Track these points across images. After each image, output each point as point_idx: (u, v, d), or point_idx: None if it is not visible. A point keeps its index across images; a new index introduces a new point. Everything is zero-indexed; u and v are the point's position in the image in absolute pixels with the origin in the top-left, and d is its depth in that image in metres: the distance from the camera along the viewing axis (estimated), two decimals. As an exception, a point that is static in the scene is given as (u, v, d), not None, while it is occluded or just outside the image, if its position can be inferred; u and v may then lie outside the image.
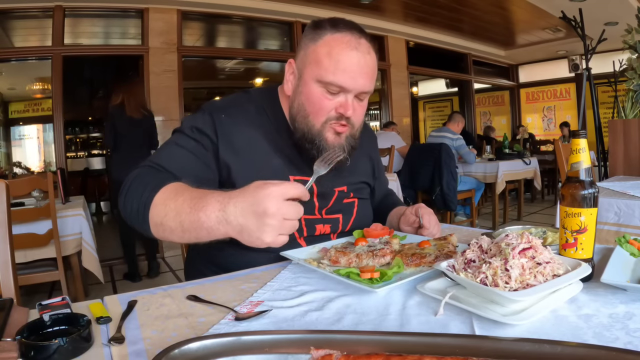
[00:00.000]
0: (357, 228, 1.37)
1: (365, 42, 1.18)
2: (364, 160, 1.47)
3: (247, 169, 1.22)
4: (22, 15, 5.01)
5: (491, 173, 5.75)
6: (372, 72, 1.20)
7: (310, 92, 1.18)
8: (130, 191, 1.08)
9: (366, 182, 1.48)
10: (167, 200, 1.00)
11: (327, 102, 1.18)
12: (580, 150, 0.94)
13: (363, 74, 1.16)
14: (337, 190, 1.35)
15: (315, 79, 1.17)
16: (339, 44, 1.14)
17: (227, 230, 0.91)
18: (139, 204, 1.04)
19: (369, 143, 1.53)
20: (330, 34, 1.16)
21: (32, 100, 8.11)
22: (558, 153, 3.17)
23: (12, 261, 1.25)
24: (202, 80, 9.41)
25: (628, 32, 3.40)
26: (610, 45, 5.42)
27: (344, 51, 1.14)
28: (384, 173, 1.69)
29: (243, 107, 1.29)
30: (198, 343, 0.63)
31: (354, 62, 1.14)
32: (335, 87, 1.16)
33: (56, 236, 2.80)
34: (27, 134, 8.21)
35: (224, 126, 1.23)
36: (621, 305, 0.78)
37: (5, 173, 5.13)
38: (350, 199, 1.40)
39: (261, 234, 0.86)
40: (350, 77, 1.14)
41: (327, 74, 1.14)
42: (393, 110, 7.48)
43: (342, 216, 1.37)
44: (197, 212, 0.93)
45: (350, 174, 1.39)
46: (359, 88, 1.17)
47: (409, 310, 0.82)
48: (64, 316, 0.76)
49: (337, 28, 1.17)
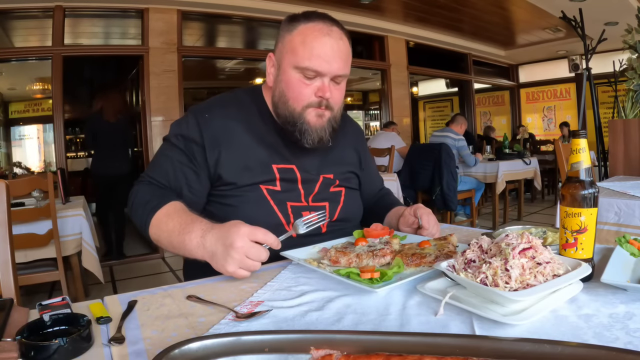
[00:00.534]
0: (345, 217, 1.42)
1: (337, 29, 1.26)
2: (349, 150, 1.52)
3: (233, 161, 1.29)
4: (22, 15, 5.00)
5: (491, 173, 5.75)
6: (346, 56, 1.27)
7: (289, 79, 1.26)
8: (133, 209, 1.25)
9: (353, 171, 1.51)
10: (160, 223, 1.16)
11: (305, 87, 1.25)
12: (581, 150, 0.94)
13: (337, 57, 1.23)
14: (323, 176, 1.40)
15: (293, 65, 1.24)
16: (312, 32, 1.23)
17: (203, 254, 1.04)
18: (141, 223, 1.21)
19: (355, 136, 1.58)
20: (304, 24, 1.25)
21: (32, 100, 8.09)
22: (558, 153, 3.17)
23: (12, 261, 1.25)
24: (202, 80, 9.41)
25: (628, 32, 3.40)
26: (610, 45, 5.43)
27: (317, 38, 1.22)
28: (375, 168, 1.70)
29: (226, 105, 1.37)
30: (198, 343, 0.63)
31: (327, 47, 1.22)
32: (311, 72, 1.23)
33: (56, 236, 2.80)
34: (27, 134, 8.20)
35: (208, 125, 1.30)
36: (621, 305, 0.78)
37: (5, 173, 5.13)
38: (337, 188, 1.43)
39: (225, 262, 0.98)
40: (324, 61, 1.22)
41: (303, 60, 1.22)
42: (393, 110, 7.47)
43: (329, 204, 1.39)
44: (183, 235, 1.08)
45: (337, 163, 1.45)
46: (333, 71, 1.24)
47: (409, 310, 0.82)
48: (64, 316, 0.76)
49: (310, 18, 1.26)
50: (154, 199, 1.21)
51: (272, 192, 1.30)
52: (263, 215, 1.26)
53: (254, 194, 1.29)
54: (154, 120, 5.19)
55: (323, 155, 1.41)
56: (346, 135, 1.50)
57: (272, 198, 1.29)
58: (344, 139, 1.47)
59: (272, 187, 1.30)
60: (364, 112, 13.42)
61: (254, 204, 1.28)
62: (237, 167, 1.28)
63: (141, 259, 5.03)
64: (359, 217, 1.52)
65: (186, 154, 1.29)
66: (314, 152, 1.36)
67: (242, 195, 1.29)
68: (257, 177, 1.29)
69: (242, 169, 1.29)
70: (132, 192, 1.28)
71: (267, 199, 1.29)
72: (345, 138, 1.49)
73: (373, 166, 1.67)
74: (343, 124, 1.48)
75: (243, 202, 1.28)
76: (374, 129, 12.91)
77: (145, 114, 5.18)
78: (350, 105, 13.15)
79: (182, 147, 1.29)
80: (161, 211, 1.17)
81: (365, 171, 1.58)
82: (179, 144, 1.30)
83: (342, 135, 1.46)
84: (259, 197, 1.29)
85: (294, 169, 1.34)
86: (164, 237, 1.15)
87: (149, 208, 1.19)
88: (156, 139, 5.17)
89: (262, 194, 1.29)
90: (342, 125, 1.45)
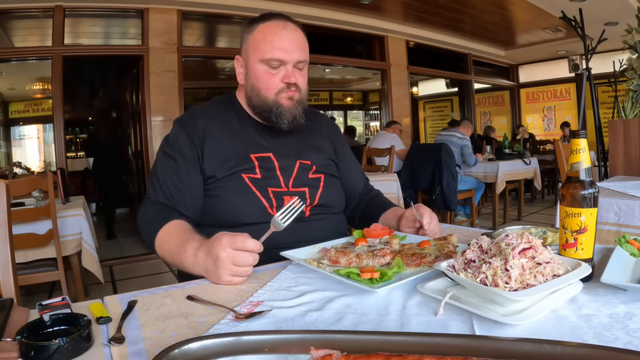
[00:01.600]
0: (325, 202, 1.47)
1: (292, 23, 1.40)
2: (324, 140, 1.61)
3: (215, 155, 1.39)
4: (22, 15, 5.01)
5: (491, 173, 5.76)
6: (303, 45, 1.40)
7: (257, 72, 1.39)
8: (141, 232, 1.34)
9: (330, 158, 1.59)
10: (162, 243, 1.25)
11: (272, 77, 1.38)
12: (580, 150, 0.94)
13: (295, 46, 1.37)
14: (299, 162, 1.47)
15: (258, 60, 1.37)
16: (270, 28, 1.37)
17: (199, 271, 1.09)
18: (149, 244, 1.30)
19: (329, 130, 1.67)
20: (262, 23, 1.39)
21: (32, 100, 8.10)
22: (558, 153, 3.17)
23: (12, 261, 1.25)
24: (202, 80, 9.42)
25: (628, 32, 3.40)
26: (610, 45, 5.43)
27: (275, 32, 1.36)
28: (356, 163, 1.74)
29: (205, 110, 1.49)
30: (198, 343, 0.63)
31: (285, 39, 1.36)
32: (275, 62, 1.36)
33: (56, 236, 2.80)
34: (27, 134, 8.20)
35: (192, 128, 1.41)
36: (621, 305, 0.78)
37: (5, 173, 5.13)
38: (316, 175, 1.49)
39: (217, 275, 1.02)
40: (284, 51, 1.35)
41: (266, 53, 1.35)
42: (393, 110, 7.46)
43: (309, 190, 1.44)
44: (179, 255, 1.15)
45: (313, 149, 1.53)
46: (294, 58, 1.37)
47: (409, 310, 0.82)
48: (64, 316, 0.76)
49: (267, 18, 1.40)
50: (156, 220, 1.29)
51: (253, 180, 1.37)
52: (246, 201, 1.35)
53: (236, 183, 1.36)
54: (154, 120, 5.20)
55: (298, 142, 1.50)
56: (321, 129, 1.63)
57: (253, 185, 1.36)
58: (318, 132, 1.60)
59: (252, 175, 1.38)
60: (364, 112, 13.43)
61: (237, 192, 1.35)
62: (218, 160, 1.38)
63: (141, 258, 5.03)
64: (341, 204, 1.57)
65: (180, 160, 1.38)
66: (289, 138, 1.47)
67: (224, 185, 1.36)
68: (237, 167, 1.37)
69: (223, 161, 1.38)
70: (139, 215, 1.37)
71: (249, 186, 1.36)
72: (320, 131, 1.62)
73: (353, 161, 1.73)
74: (319, 120, 1.65)
75: (227, 192, 1.36)
76: (374, 129, 12.91)
77: (145, 114, 5.18)
78: (351, 105, 13.16)
79: (176, 156, 1.39)
80: (162, 231, 1.25)
81: (342, 162, 1.64)
82: (173, 154, 1.39)
83: (317, 128, 1.60)
84: (241, 185, 1.36)
85: (271, 157, 1.43)
86: (167, 257, 1.23)
87: (152, 230, 1.27)
88: (156, 139, 5.17)
89: (244, 181, 1.36)
90: (317, 121, 1.63)
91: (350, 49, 7.51)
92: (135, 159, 6.53)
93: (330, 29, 6.50)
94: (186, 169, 1.37)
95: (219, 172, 1.36)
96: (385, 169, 4.88)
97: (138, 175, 6.39)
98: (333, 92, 12.66)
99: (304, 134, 1.52)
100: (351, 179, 1.67)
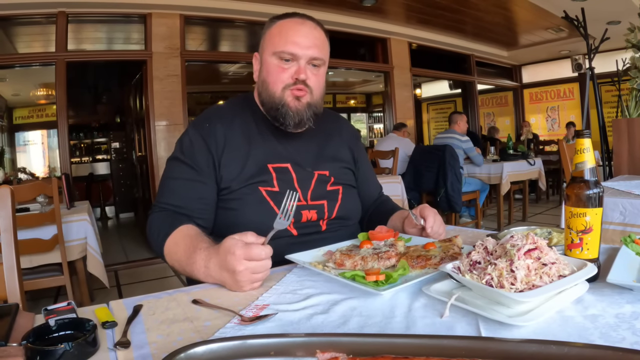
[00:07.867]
0: (343, 214, 1.43)
1: (311, 22, 1.36)
2: (344, 148, 1.56)
3: (233, 164, 1.33)
4: (25, 21, 5.03)
5: (496, 174, 5.73)
6: (321, 43, 1.35)
7: (268, 66, 1.35)
8: (150, 240, 1.30)
9: (348, 167, 1.54)
10: (171, 252, 1.21)
11: (282, 71, 1.33)
12: (585, 150, 0.94)
13: (310, 42, 1.32)
14: (317, 173, 1.42)
15: (271, 53, 1.33)
16: (288, 24, 1.34)
17: (214, 282, 1.06)
18: (159, 253, 1.26)
19: (350, 137, 1.62)
20: (282, 20, 1.35)
21: (36, 106, 8.13)
22: (562, 153, 3.16)
23: (17, 266, 1.26)
24: (205, 84, 9.43)
25: (631, 30, 3.39)
26: (613, 45, 5.42)
27: (292, 27, 1.33)
28: (372, 173, 1.70)
29: (222, 113, 1.43)
30: (204, 347, 0.63)
31: (301, 34, 1.32)
32: (287, 54, 1.31)
33: (61, 241, 2.81)
34: (31, 139, 8.23)
35: (209, 133, 1.35)
36: (628, 305, 0.78)
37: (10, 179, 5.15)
38: (334, 187, 1.45)
39: (238, 287, 1.00)
40: (298, 45, 1.30)
41: (279, 46, 1.31)
42: (397, 113, 7.46)
43: (327, 202, 1.40)
44: (190, 266, 1.11)
45: (331, 160, 1.48)
46: (308, 54, 1.31)
47: (414, 312, 0.82)
48: (69, 321, 0.76)
49: (287, 16, 1.37)
50: (163, 227, 1.25)
51: (270, 194, 1.32)
52: (264, 216, 1.27)
53: (254, 196, 1.31)
54: (158, 124, 5.21)
55: (317, 151, 1.46)
56: (342, 134, 1.57)
57: (271, 198, 1.32)
58: (339, 137, 1.55)
59: (270, 187, 1.33)
60: (367, 114, 13.41)
61: (255, 206, 1.30)
62: (235, 171, 1.33)
63: (146, 263, 5.03)
64: (357, 215, 1.53)
65: (193, 168, 1.33)
66: (307, 144, 1.43)
67: (240, 198, 1.32)
68: (254, 178, 1.32)
69: (240, 171, 1.33)
70: (148, 223, 1.32)
71: (267, 200, 1.31)
72: (341, 137, 1.56)
73: (370, 169, 1.68)
74: (340, 125, 1.60)
75: (243, 205, 1.31)
76: (378, 131, 12.89)
77: (149, 118, 5.19)
78: (354, 107, 13.15)
79: (189, 162, 1.33)
80: (169, 241, 1.21)
81: (360, 171, 1.60)
82: (186, 160, 1.34)
83: (338, 134, 1.55)
84: (259, 199, 1.31)
85: (288, 168, 1.38)
86: (177, 266, 1.20)
87: (160, 239, 1.24)
88: (160, 144, 5.18)
89: (261, 195, 1.31)
90: (338, 126, 1.58)
91: (353, 51, 7.50)
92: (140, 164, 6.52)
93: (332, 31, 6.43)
94: (199, 177, 1.32)
95: (234, 184, 1.31)
96: (390, 171, 4.87)
97: (142, 180, 6.40)
98: (336, 95, 12.66)
99: (323, 140, 1.48)
100: (368, 188, 1.63)
